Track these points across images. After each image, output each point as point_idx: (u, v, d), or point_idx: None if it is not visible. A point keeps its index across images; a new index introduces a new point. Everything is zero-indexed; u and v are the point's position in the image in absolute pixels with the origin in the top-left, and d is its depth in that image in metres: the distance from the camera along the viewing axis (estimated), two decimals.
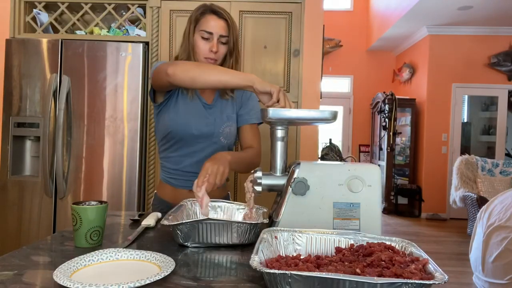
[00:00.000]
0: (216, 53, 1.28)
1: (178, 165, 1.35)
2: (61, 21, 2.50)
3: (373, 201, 0.98)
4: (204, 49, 1.27)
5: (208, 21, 1.27)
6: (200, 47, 1.28)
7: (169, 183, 1.37)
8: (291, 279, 0.60)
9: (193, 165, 1.33)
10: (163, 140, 1.37)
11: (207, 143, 1.34)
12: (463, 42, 5.65)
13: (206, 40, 1.27)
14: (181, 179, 1.35)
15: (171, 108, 1.32)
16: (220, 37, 1.27)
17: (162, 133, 1.35)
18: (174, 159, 1.35)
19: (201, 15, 1.29)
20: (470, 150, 6.01)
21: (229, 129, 1.36)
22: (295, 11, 2.25)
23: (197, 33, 1.29)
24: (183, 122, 1.30)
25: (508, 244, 2.19)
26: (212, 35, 1.27)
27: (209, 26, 1.26)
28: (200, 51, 1.28)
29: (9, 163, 2.26)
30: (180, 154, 1.35)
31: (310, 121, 1.08)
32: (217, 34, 1.27)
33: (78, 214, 0.89)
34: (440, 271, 0.62)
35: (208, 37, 1.27)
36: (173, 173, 1.36)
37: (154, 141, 2.30)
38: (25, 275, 0.71)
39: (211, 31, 1.26)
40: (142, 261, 0.78)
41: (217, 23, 1.27)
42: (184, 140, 1.32)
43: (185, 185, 1.34)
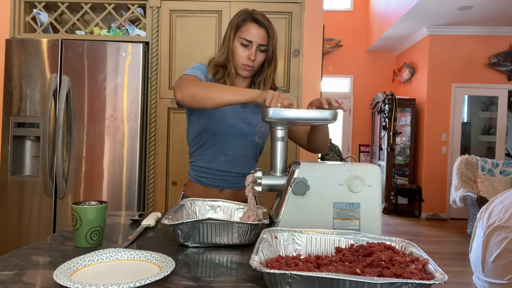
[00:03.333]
0: (254, 61, 1.29)
1: (211, 163, 1.35)
2: (61, 21, 2.50)
3: (373, 201, 0.98)
4: (242, 56, 1.29)
5: (248, 29, 1.27)
6: (239, 53, 1.29)
7: (200, 182, 1.37)
8: (291, 279, 0.60)
9: (226, 163, 1.34)
10: (196, 138, 1.37)
11: (242, 141, 1.34)
12: (463, 42, 5.65)
13: (245, 47, 1.28)
14: (213, 178, 1.35)
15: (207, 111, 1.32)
16: (259, 45, 1.28)
17: (196, 131, 1.35)
18: (207, 157, 1.35)
19: (242, 22, 1.29)
20: (470, 150, 6.01)
21: (264, 129, 1.37)
22: (295, 11, 2.25)
23: (237, 39, 1.29)
24: (220, 117, 1.30)
25: (508, 244, 2.19)
26: (251, 43, 1.27)
27: (249, 35, 1.27)
28: (239, 57, 1.29)
29: (9, 163, 2.26)
30: (214, 152, 1.35)
31: (310, 121, 1.08)
32: (257, 43, 1.27)
33: (78, 214, 0.89)
34: (440, 271, 0.62)
35: (247, 44, 1.28)
36: (205, 171, 1.36)
37: (154, 141, 2.30)
38: (25, 275, 0.71)
39: (250, 39, 1.27)
40: (142, 261, 0.78)
41: (257, 32, 1.27)
42: (219, 136, 1.32)
43: (217, 185, 1.35)
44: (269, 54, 1.32)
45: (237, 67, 1.31)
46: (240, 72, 1.32)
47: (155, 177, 2.30)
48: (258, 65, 1.32)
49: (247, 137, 1.35)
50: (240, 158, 1.36)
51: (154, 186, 2.31)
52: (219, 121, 1.31)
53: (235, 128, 1.32)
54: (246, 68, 1.30)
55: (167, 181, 2.31)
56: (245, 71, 1.32)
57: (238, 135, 1.33)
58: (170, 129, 2.31)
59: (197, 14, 2.29)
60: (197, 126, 1.35)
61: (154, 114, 2.30)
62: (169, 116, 2.30)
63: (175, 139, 2.30)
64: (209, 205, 1.15)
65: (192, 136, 1.39)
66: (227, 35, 1.32)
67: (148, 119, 2.31)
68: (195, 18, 2.29)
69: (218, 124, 1.31)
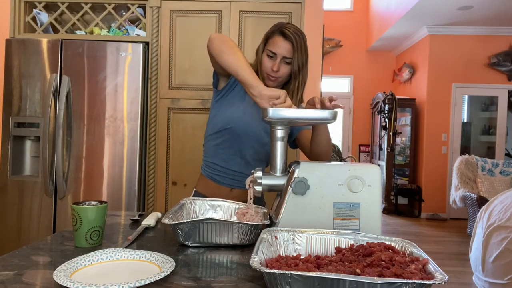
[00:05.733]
0: (277, 72, 1.31)
1: (227, 163, 1.38)
2: (61, 21, 2.50)
3: (373, 201, 0.98)
4: (267, 66, 1.32)
5: (275, 42, 1.31)
6: (264, 63, 1.33)
7: (213, 179, 1.40)
8: (291, 279, 0.60)
9: (241, 165, 1.37)
10: (216, 134, 1.38)
11: (260, 148, 1.38)
12: (463, 42, 5.65)
13: (270, 58, 1.32)
14: (227, 177, 1.38)
15: (235, 103, 1.35)
16: (283, 58, 1.31)
17: (218, 127, 1.37)
18: (224, 156, 1.38)
19: (271, 34, 1.33)
20: (470, 150, 6.02)
21: None
22: (295, 11, 2.25)
23: (265, 51, 1.34)
24: (245, 121, 1.34)
25: (508, 244, 2.19)
26: (276, 55, 1.31)
27: (275, 47, 1.31)
28: (264, 67, 1.33)
29: (9, 163, 2.26)
30: (231, 153, 1.37)
31: (310, 121, 1.08)
32: (281, 55, 1.30)
33: (78, 214, 0.89)
34: (440, 271, 0.62)
35: (272, 56, 1.31)
36: (220, 170, 1.39)
37: (154, 141, 2.30)
38: (25, 275, 0.71)
39: (275, 51, 1.30)
40: (142, 261, 0.78)
41: (282, 45, 1.30)
42: (239, 139, 1.35)
43: (230, 184, 1.38)
44: (294, 68, 1.32)
45: (263, 77, 1.35)
46: (265, 81, 1.34)
47: (155, 177, 2.30)
48: (283, 76, 1.34)
49: (265, 147, 1.38)
50: (255, 162, 1.39)
51: (154, 186, 2.31)
52: (243, 125, 1.34)
53: (256, 136, 1.36)
54: (270, 78, 1.33)
55: (167, 181, 2.31)
56: (269, 81, 1.34)
57: (257, 143, 1.37)
58: (170, 129, 2.31)
59: (197, 14, 2.29)
60: (220, 122, 1.37)
61: (154, 114, 2.30)
62: (169, 116, 2.30)
63: (175, 139, 2.30)
64: (209, 204, 1.15)
65: (212, 130, 1.40)
66: (260, 46, 1.37)
67: (148, 119, 2.31)
68: (195, 18, 2.29)
69: (242, 128, 1.34)
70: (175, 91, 2.30)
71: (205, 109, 2.28)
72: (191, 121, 2.30)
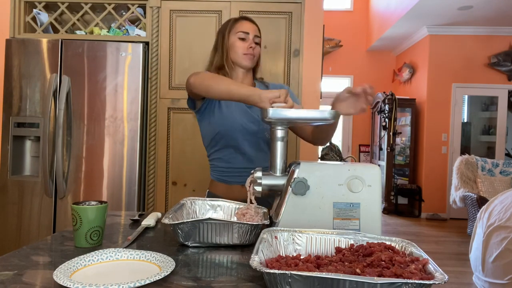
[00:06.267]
0: (253, 49, 1.39)
1: (230, 163, 1.41)
2: (61, 21, 2.50)
3: (373, 201, 0.98)
4: (242, 47, 1.38)
5: (243, 24, 1.40)
6: (238, 46, 1.39)
7: (222, 181, 1.44)
8: (291, 279, 0.60)
9: (244, 160, 1.40)
10: (212, 142, 1.43)
11: (253, 139, 1.40)
12: (463, 42, 5.65)
13: (243, 40, 1.39)
14: (234, 175, 1.41)
15: (215, 110, 1.39)
16: (255, 37, 1.40)
17: (210, 136, 1.42)
18: (225, 157, 1.42)
19: (234, 22, 1.41)
20: (470, 150, 6.01)
21: None
22: (295, 11, 2.25)
23: (233, 35, 1.39)
24: (229, 119, 1.37)
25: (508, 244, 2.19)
26: (248, 35, 1.39)
27: (246, 28, 1.39)
28: (238, 49, 1.38)
29: (9, 163, 2.26)
30: (230, 152, 1.41)
31: (310, 121, 1.08)
32: (253, 34, 1.40)
33: (78, 214, 0.89)
34: (440, 271, 0.62)
35: (244, 37, 1.38)
36: (226, 171, 1.42)
37: (154, 141, 2.30)
38: (25, 275, 0.71)
39: (247, 31, 1.39)
40: (142, 261, 0.78)
41: (251, 26, 1.41)
42: (232, 137, 1.39)
43: (238, 181, 1.40)
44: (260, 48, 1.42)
45: (238, 59, 1.39)
46: (243, 62, 1.39)
47: (155, 177, 2.30)
48: (257, 55, 1.42)
49: (257, 135, 1.40)
50: (256, 154, 1.41)
51: (154, 186, 2.31)
52: (228, 123, 1.37)
53: (244, 128, 1.38)
54: (248, 57, 1.39)
55: (167, 181, 2.31)
56: (248, 61, 1.39)
57: (248, 134, 1.39)
58: (170, 129, 2.31)
59: (197, 14, 2.29)
60: (209, 131, 1.42)
61: (154, 114, 2.30)
62: (169, 116, 2.30)
63: (175, 139, 2.30)
64: (209, 204, 1.15)
65: (207, 141, 1.46)
66: (219, 40, 1.42)
67: (148, 119, 2.31)
68: (195, 18, 2.29)
69: (228, 126, 1.37)
70: (175, 91, 2.30)
71: None
72: (191, 121, 2.30)
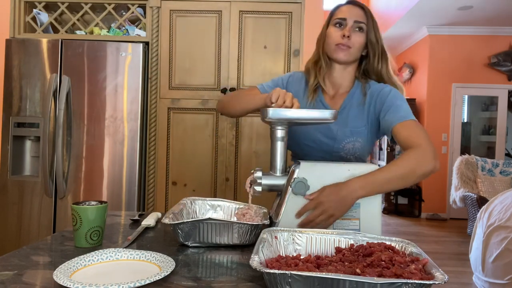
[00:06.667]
0: (349, 38, 1.12)
1: None
2: (61, 21, 2.50)
3: (373, 201, 0.98)
4: (335, 36, 1.14)
5: (341, 10, 1.17)
6: (331, 35, 1.15)
7: None
8: (291, 279, 0.60)
9: None
10: None
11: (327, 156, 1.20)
12: (463, 42, 5.65)
13: (339, 27, 1.15)
14: None
15: None
16: (354, 22, 1.13)
17: None
18: None
19: (336, 8, 1.19)
20: (470, 150, 6.01)
21: (353, 145, 1.17)
22: (295, 11, 2.25)
23: (331, 25, 1.17)
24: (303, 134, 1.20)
25: (508, 244, 2.19)
26: (345, 21, 1.14)
27: (342, 13, 1.15)
28: (331, 39, 1.15)
29: (9, 163, 2.26)
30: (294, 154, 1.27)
31: (310, 121, 1.08)
32: (351, 19, 1.13)
33: (78, 214, 0.89)
34: (440, 271, 0.62)
35: (341, 22, 1.14)
36: None
37: (154, 141, 2.30)
38: (25, 275, 0.71)
39: (344, 16, 1.14)
40: (142, 261, 0.78)
41: (351, 9, 1.15)
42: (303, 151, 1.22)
43: None
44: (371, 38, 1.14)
45: (330, 50, 1.16)
46: (334, 55, 1.16)
47: (155, 177, 2.30)
48: (355, 46, 1.14)
49: (332, 154, 1.19)
50: None
51: (154, 186, 2.31)
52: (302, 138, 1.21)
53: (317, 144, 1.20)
54: (340, 48, 1.13)
55: (167, 181, 2.31)
56: (340, 53, 1.14)
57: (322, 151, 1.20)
58: (170, 129, 2.31)
59: (197, 14, 2.29)
60: None
61: (154, 114, 2.30)
62: (169, 116, 2.30)
63: (175, 139, 2.30)
64: (209, 204, 1.15)
65: None
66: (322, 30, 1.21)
67: (148, 119, 2.31)
68: (195, 18, 2.29)
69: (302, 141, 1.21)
70: (175, 91, 2.30)
71: (205, 109, 2.28)
72: (191, 121, 2.30)
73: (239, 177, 2.28)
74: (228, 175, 2.28)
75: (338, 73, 1.21)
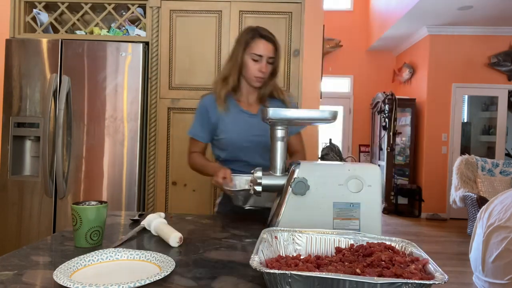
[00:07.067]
0: (265, 73, 1.41)
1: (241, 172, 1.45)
2: (61, 21, 2.50)
3: (373, 201, 0.98)
4: (254, 69, 1.40)
5: (258, 45, 1.39)
6: (250, 67, 1.40)
7: None
8: (291, 279, 0.60)
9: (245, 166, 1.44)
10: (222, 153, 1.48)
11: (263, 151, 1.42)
12: (463, 42, 5.65)
13: (255, 62, 1.40)
14: None
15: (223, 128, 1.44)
16: (268, 58, 1.40)
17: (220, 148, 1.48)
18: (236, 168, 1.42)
19: (251, 39, 1.40)
20: (470, 150, 6.01)
21: None
22: (295, 11, 2.25)
23: (247, 55, 1.40)
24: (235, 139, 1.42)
25: (508, 244, 2.19)
26: (262, 58, 1.39)
27: (260, 50, 1.39)
28: (250, 71, 1.41)
29: (9, 163, 2.26)
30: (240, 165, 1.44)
31: (310, 121, 1.08)
32: (266, 56, 1.39)
33: (78, 214, 0.89)
34: (440, 271, 0.62)
35: (258, 59, 1.39)
36: None
37: (154, 141, 2.30)
38: (25, 275, 0.71)
39: (261, 54, 1.38)
40: (142, 261, 0.78)
41: (266, 47, 1.39)
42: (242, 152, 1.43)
43: None
44: (276, 64, 1.44)
45: (249, 79, 1.43)
46: (253, 83, 1.44)
47: (155, 177, 2.30)
48: (267, 75, 1.44)
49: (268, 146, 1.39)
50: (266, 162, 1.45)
51: (154, 186, 2.30)
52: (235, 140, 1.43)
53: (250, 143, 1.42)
54: (258, 80, 1.42)
55: (167, 181, 2.31)
56: (257, 83, 1.43)
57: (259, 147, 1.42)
58: (170, 129, 2.31)
59: (197, 14, 2.29)
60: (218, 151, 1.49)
61: (154, 114, 2.30)
62: (169, 116, 2.30)
63: (175, 139, 2.30)
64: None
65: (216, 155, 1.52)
66: (235, 51, 1.43)
67: (148, 119, 2.31)
68: (195, 18, 2.29)
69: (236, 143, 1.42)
70: (175, 91, 2.30)
71: None
72: (191, 121, 2.29)
73: None
74: None
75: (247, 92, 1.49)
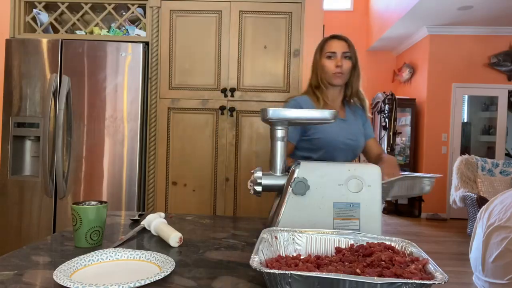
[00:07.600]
0: (341, 66, 1.47)
1: None
2: (61, 21, 2.50)
3: (373, 201, 0.98)
4: (330, 66, 1.49)
5: (330, 44, 1.51)
6: (326, 65, 1.50)
7: None
8: (291, 279, 0.60)
9: None
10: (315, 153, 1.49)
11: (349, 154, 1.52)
12: (463, 42, 5.65)
13: (331, 59, 1.49)
14: None
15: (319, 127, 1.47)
16: (342, 53, 1.49)
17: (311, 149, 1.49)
18: None
19: (324, 42, 1.53)
20: (470, 150, 6.01)
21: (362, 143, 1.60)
22: (295, 11, 2.25)
23: (323, 57, 1.51)
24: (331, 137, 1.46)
25: (508, 244, 2.19)
26: (335, 54, 1.49)
27: (332, 47, 1.50)
28: (328, 69, 1.49)
29: (9, 163, 2.26)
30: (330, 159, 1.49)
31: (310, 121, 1.08)
32: (340, 51, 1.49)
33: (78, 214, 0.89)
34: (440, 271, 0.62)
35: (332, 55, 1.49)
36: None
37: (154, 141, 2.30)
38: (25, 275, 0.71)
39: (334, 50, 1.49)
40: (142, 261, 0.78)
41: (338, 44, 1.50)
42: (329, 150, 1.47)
43: None
44: (353, 61, 1.51)
45: (329, 78, 1.50)
46: (333, 81, 1.50)
47: (155, 177, 2.30)
48: (346, 72, 1.50)
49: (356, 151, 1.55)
50: None
51: (154, 186, 2.31)
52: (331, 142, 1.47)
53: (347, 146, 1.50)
54: (336, 76, 1.48)
55: (167, 181, 2.31)
56: (337, 79, 1.49)
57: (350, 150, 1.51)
58: (170, 129, 2.31)
59: (197, 14, 2.29)
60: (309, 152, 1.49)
61: (154, 114, 2.30)
62: (169, 116, 2.30)
63: (175, 139, 2.30)
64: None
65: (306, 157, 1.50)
66: (314, 60, 1.55)
67: (148, 119, 2.31)
68: (195, 18, 2.29)
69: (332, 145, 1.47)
70: (175, 91, 2.30)
71: (205, 109, 2.28)
72: (191, 121, 2.30)
73: (239, 177, 2.28)
74: (228, 175, 2.28)
75: (335, 96, 1.56)
